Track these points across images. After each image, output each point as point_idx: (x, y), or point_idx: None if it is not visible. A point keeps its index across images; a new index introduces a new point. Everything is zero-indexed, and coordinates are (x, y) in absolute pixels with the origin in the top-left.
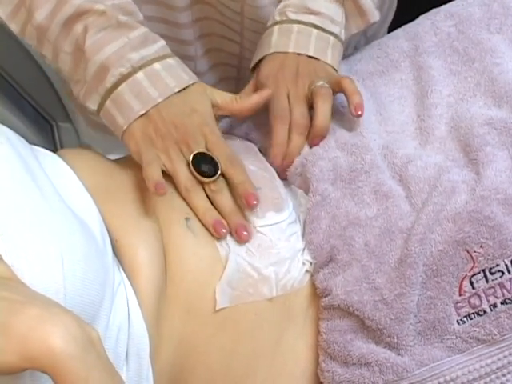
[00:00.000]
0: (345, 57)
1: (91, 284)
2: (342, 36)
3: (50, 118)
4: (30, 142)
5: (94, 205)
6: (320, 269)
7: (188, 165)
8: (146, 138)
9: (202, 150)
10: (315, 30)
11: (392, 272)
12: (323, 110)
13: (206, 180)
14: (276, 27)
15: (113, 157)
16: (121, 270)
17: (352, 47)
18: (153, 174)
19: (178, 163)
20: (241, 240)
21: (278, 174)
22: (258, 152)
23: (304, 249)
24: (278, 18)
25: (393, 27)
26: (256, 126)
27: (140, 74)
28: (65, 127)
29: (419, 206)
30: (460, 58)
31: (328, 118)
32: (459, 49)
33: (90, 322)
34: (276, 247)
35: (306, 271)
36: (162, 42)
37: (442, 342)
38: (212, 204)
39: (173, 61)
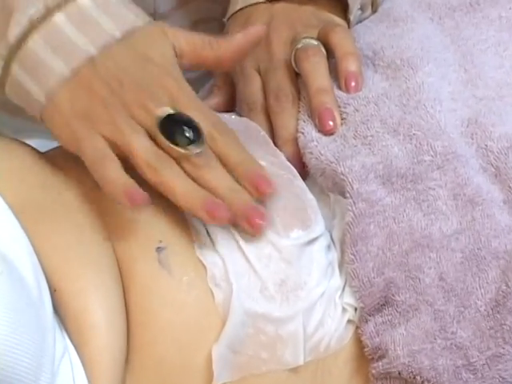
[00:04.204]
0: None
1: (21, 358)
2: None
3: None
4: None
5: (22, 233)
6: (369, 317)
7: (148, 134)
8: (78, 111)
9: (169, 109)
10: None
11: (483, 321)
12: (314, 74)
13: (183, 151)
14: None
15: (32, 142)
16: (64, 333)
17: None
18: (112, 172)
19: (133, 133)
20: (254, 230)
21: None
22: (267, 138)
23: (344, 286)
24: None
25: None
26: None
27: (59, 17)
28: None
29: None
30: None
31: (325, 76)
32: None
33: None
34: (306, 286)
35: (349, 321)
36: None
37: None
38: None
39: None
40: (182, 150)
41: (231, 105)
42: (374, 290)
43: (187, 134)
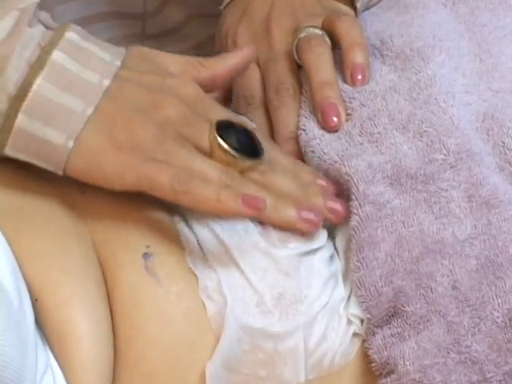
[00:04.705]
0: None
1: (0, 373)
2: None
3: None
4: None
5: (1, 239)
6: (377, 329)
7: (206, 153)
8: (123, 145)
9: (223, 117)
10: None
11: (500, 334)
12: (317, 65)
13: (251, 162)
14: None
15: None
16: (47, 346)
17: None
18: (208, 189)
19: (190, 154)
20: (338, 219)
21: None
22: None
23: (349, 297)
24: None
25: None
26: None
27: (57, 55)
28: None
29: None
30: None
31: (329, 69)
32: None
33: None
34: (306, 300)
35: (354, 335)
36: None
37: None
38: None
39: (78, 28)
40: (252, 161)
41: (227, 99)
42: (381, 300)
43: (244, 142)
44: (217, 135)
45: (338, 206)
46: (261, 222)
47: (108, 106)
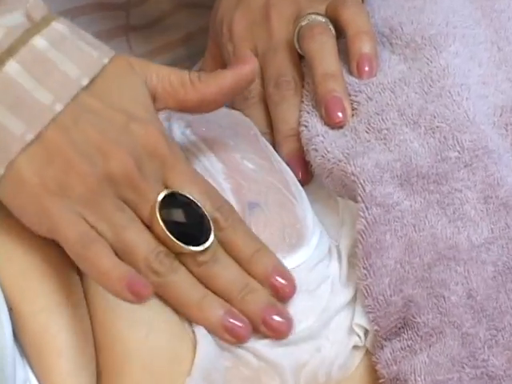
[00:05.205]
0: None
1: None
2: None
3: None
4: None
5: None
6: (386, 342)
7: (146, 225)
8: (50, 185)
9: (165, 190)
10: None
11: None
12: (320, 56)
13: (192, 249)
14: None
15: None
16: (25, 360)
17: None
18: (106, 259)
19: (127, 222)
20: (276, 335)
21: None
22: (259, 136)
23: (349, 304)
24: None
25: None
26: None
27: (12, 66)
28: None
29: None
30: None
31: (334, 59)
32: None
33: None
34: (292, 309)
35: (355, 347)
36: None
37: None
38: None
39: (62, 26)
40: (191, 249)
41: None
42: (390, 311)
43: (194, 220)
44: (157, 209)
45: (278, 321)
46: None
47: (53, 136)
